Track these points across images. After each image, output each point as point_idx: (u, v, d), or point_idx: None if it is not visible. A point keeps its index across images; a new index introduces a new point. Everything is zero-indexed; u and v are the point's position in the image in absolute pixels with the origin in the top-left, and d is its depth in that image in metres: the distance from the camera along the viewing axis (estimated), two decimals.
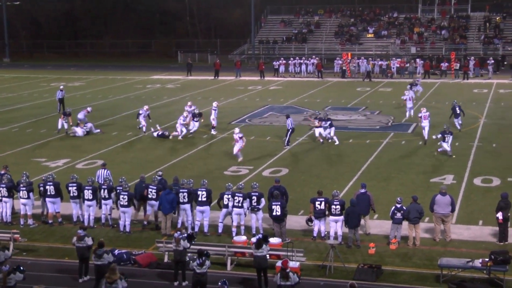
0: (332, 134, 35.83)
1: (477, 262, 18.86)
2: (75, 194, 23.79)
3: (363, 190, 22.75)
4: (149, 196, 23.39)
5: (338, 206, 21.64)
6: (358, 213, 21.61)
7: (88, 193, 23.51)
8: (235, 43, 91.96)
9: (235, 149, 32.29)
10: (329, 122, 36.02)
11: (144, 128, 39.07)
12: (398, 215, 21.46)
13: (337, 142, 35.47)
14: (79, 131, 38.91)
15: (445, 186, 22.97)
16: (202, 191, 22.79)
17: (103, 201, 23.74)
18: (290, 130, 35.16)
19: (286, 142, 35.21)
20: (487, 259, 18.77)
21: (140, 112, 39.54)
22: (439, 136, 32.56)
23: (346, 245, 21.47)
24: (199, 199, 22.75)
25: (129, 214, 23.15)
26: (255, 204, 22.50)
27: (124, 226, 23.16)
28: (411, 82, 51.20)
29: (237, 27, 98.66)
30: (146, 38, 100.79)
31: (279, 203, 21.78)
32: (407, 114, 42.58)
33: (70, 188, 23.85)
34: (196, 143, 36.62)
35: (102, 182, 24.44)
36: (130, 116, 45.06)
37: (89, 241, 19.47)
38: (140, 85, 62.93)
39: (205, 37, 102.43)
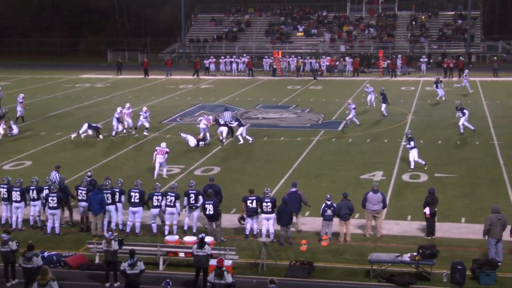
0: (244, 134, 35.99)
1: (406, 257, 19.24)
2: (5, 196, 23.25)
3: (294, 189, 22.93)
4: (79, 198, 23.06)
5: (269, 204, 21.76)
6: (290, 210, 21.77)
7: (16, 195, 23.01)
8: (166, 41, 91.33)
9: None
10: (237, 123, 36.30)
11: (146, 131, 37.95)
12: (329, 212, 21.72)
13: (251, 140, 35.73)
14: (15, 128, 38.23)
15: (377, 183, 23.35)
16: (135, 192, 22.59)
17: (31, 202, 23.29)
18: (229, 122, 36.41)
19: (229, 133, 36.24)
20: (415, 254, 19.18)
21: (124, 111, 37.86)
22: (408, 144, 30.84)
23: (278, 242, 21.62)
24: (132, 200, 22.56)
25: (58, 216, 22.77)
26: (193, 202, 22.45)
27: (53, 228, 22.78)
28: (435, 81, 49.66)
29: (167, 25, 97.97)
30: (75, 36, 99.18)
31: (212, 202, 21.78)
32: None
33: (0, 190, 23.30)
34: (127, 143, 36.27)
35: (52, 184, 23.52)
36: (59, 115, 44.39)
37: (13, 245, 18.98)
38: (69, 84, 61.92)
39: (135, 35, 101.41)
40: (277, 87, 57.89)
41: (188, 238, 21.16)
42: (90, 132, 36.91)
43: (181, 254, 20.01)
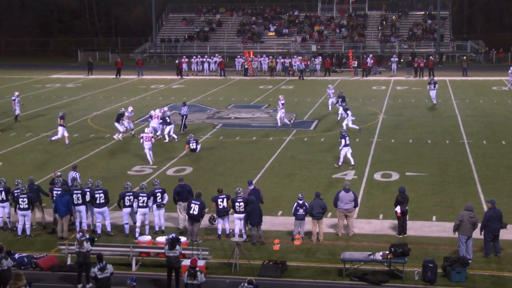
0: (171, 132, 36.11)
1: (378, 255, 19.37)
2: None
3: (251, 187, 23.01)
4: (55, 198, 22.83)
5: (241, 204, 21.78)
6: (259, 209, 21.80)
7: None
8: (137, 41, 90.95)
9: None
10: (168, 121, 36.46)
11: (132, 132, 37.65)
12: (301, 211, 21.77)
13: (176, 139, 35.94)
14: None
15: (348, 182, 23.44)
16: (99, 193, 22.46)
17: (0, 204, 23.05)
18: (185, 116, 37.40)
19: (182, 128, 36.60)
20: (387, 252, 19.31)
21: (126, 113, 37.15)
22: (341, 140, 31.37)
23: (251, 242, 21.65)
24: (97, 201, 22.42)
25: (29, 217, 22.58)
26: (160, 200, 22.41)
27: (24, 229, 22.57)
28: (429, 81, 49.63)
29: (138, 25, 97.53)
30: (44, 36, 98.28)
31: (199, 202, 21.69)
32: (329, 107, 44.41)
33: None
34: (99, 143, 36.04)
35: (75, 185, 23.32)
36: (29, 116, 43.97)
37: None
38: (39, 84, 61.36)
39: (106, 35, 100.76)
40: (249, 87, 57.94)
41: (161, 239, 21.09)
42: (122, 127, 36.59)
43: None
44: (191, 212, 21.68)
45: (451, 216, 23.50)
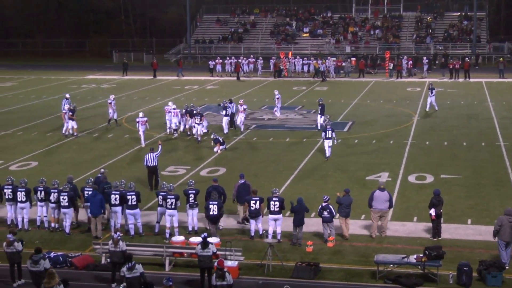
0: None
1: (412, 258, 19.22)
2: (10, 196, 23.28)
3: (242, 181, 23.39)
4: (87, 197, 23.03)
5: (277, 203, 21.74)
6: (303, 211, 21.64)
7: (21, 195, 23.04)
8: (171, 42, 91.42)
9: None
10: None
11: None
12: (325, 213, 21.61)
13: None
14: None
15: (383, 182, 23.25)
16: (131, 194, 22.56)
17: (38, 203, 23.33)
18: (231, 114, 38.04)
19: (230, 127, 37.92)
20: (421, 255, 19.15)
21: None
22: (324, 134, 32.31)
23: (290, 242, 21.52)
24: (129, 202, 22.53)
25: (69, 215, 22.81)
26: (193, 201, 22.47)
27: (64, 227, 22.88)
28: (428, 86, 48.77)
29: (173, 26, 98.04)
30: (80, 37, 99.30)
31: (216, 202, 21.76)
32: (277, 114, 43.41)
33: (5, 191, 23.33)
34: (133, 143, 36.29)
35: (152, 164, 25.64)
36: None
37: (18, 246, 19.00)
38: (74, 85, 62.00)
39: (140, 36, 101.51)
40: (283, 88, 57.79)
41: (194, 239, 21.15)
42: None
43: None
44: (211, 213, 21.69)
45: (486, 219, 23.25)
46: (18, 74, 71.47)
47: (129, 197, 22.49)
